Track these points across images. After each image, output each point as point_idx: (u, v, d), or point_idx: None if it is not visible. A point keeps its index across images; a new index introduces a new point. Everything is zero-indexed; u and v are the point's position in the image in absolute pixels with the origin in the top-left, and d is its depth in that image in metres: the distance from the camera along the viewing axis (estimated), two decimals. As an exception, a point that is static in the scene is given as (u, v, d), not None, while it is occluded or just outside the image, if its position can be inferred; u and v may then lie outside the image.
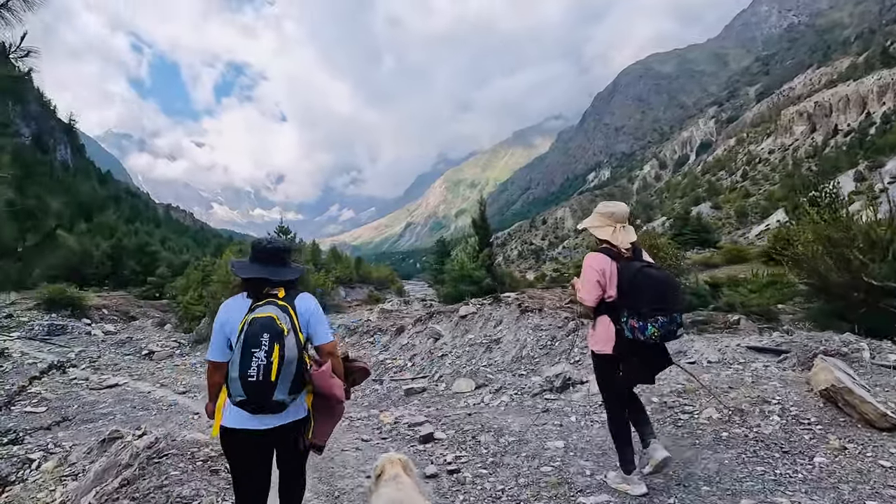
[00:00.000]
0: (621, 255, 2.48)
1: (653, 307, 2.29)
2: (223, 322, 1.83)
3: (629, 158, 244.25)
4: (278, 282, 1.84)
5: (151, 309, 26.37)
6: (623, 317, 2.37)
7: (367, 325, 12.69)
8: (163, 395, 9.12)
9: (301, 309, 1.80)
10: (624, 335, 2.38)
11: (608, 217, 2.56)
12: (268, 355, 1.57)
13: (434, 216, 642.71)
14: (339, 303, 19.63)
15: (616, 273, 2.43)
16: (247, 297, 1.84)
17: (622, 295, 2.40)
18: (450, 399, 5.64)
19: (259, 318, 1.65)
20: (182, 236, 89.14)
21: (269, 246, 1.90)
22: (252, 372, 1.54)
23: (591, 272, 2.46)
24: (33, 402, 8.71)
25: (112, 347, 13.01)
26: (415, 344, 9.23)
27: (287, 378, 1.62)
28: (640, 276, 2.36)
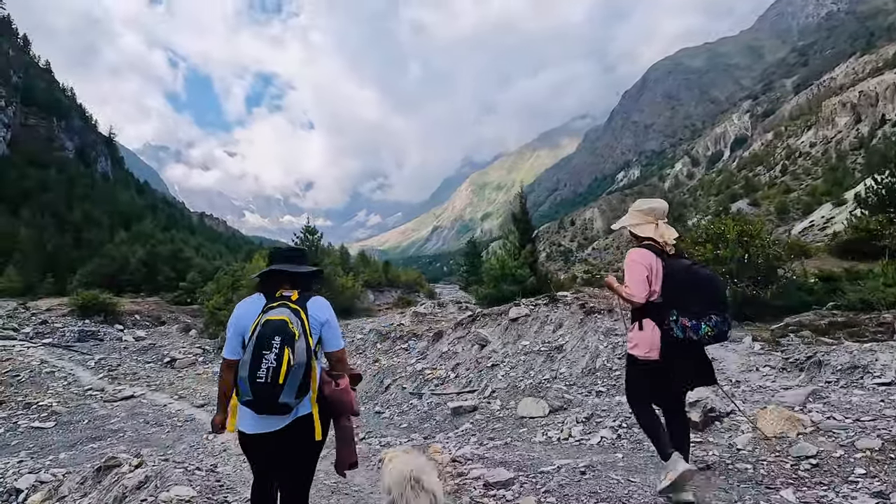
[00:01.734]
0: (665, 251, 2.32)
1: (706, 306, 2.15)
2: (238, 317, 1.84)
3: (659, 156, 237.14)
4: (295, 275, 1.85)
5: (183, 314, 26.24)
6: (672, 316, 2.18)
7: (400, 329, 11.62)
8: (179, 409, 8.25)
9: (313, 313, 1.79)
10: (672, 335, 2.19)
11: (648, 213, 2.40)
12: (278, 358, 1.57)
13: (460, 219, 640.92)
14: (369, 306, 18.68)
15: (661, 270, 2.26)
16: (262, 296, 1.83)
17: (670, 293, 2.23)
18: (518, 427, 4.41)
19: (272, 320, 1.65)
20: (215, 243, 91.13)
21: (285, 249, 1.95)
22: (261, 374, 1.54)
23: (638, 267, 2.27)
24: (42, 415, 7.99)
25: (134, 355, 12.37)
26: (457, 351, 8.05)
27: (294, 381, 1.62)
28: (690, 273, 2.22)
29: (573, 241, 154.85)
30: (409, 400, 7.26)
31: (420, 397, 7.17)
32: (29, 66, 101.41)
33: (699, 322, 2.13)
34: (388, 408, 7.25)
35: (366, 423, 6.44)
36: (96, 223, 63.30)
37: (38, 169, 74.33)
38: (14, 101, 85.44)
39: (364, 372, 9.48)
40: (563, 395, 4.88)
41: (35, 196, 64.48)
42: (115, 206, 75.69)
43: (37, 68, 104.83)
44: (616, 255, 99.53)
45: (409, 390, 7.61)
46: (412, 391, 7.50)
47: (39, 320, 19.78)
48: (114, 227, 64.88)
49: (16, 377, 9.87)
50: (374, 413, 7.11)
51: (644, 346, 2.29)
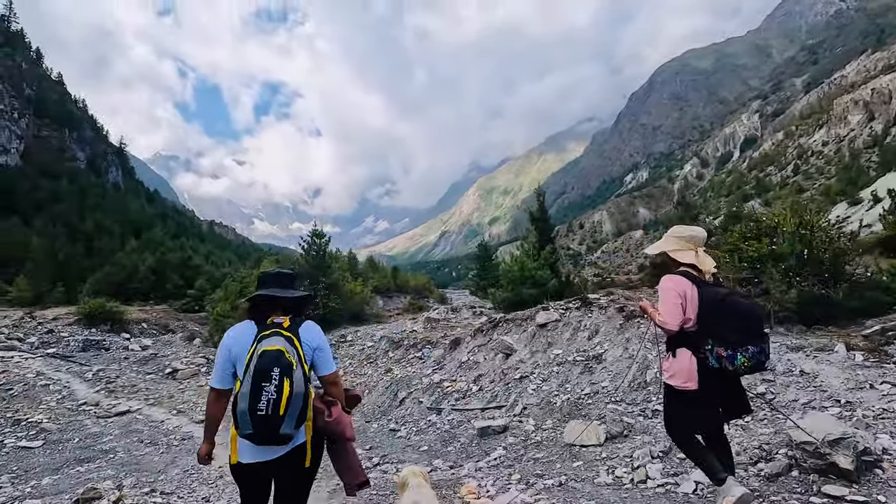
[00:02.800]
0: (702, 280, 2.25)
1: (742, 336, 2.08)
2: (229, 348, 1.79)
3: (668, 158, 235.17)
4: (286, 300, 1.82)
5: (191, 322, 25.81)
6: (707, 345, 2.13)
7: (413, 336, 10.93)
8: (177, 426, 7.61)
9: (306, 339, 1.75)
10: (708, 364, 2.13)
11: (688, 241, 2.31)
12: (278, 389, 1.55)
13: (468, 224, 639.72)
14: (379, 312, 18.02)
15: (697, 298, 2.18)
16: (253, 323, 1.79)
17: (705, 322, 2.16)
18: (568, 459, 3.61)
19: (268, 350, 1.62)
20: (225, 251, 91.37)
21: (273, 272, 1.92)
22: (262, 406, 1.52)
23: (672, 294, 2.20)
24: (31, 433, 7.39)
25: (134, 365, 11.80)
26: (478, 361, 7.32)
27: (295, 411, 1.60)
28: (727, 302, 2.14)
29: (582, 244, 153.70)
30: (426, 416, 6.54)
31: (439, 413, 6.45)
32: (42, 79, 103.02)
33: (735, 352, 2.06)
34: (403, 425, 6.53)
35: (379, 444, 5.73)
36: (107, 232, 63.67)
37: (51, 179, 75.11)
38: (27, 112, 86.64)
39: (376, 383, 8.79)
40: (620, 417, 4.11)
41: (47, 206, 65.06)
42: (125, 215, 76.22)
43: (49, 81, 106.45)
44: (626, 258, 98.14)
45: (426, 405, 6.90)
46: (430, 406, 6.78)
47: (45, 330, 19.38)
48: (125, 235, 65.19)
49: (9, 391, 9.32)
50: (389, 431, 6.39)
51: (681, 375, 2.22)
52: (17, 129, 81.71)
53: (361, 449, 5.56)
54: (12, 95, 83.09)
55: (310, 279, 14.41)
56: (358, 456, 1.97)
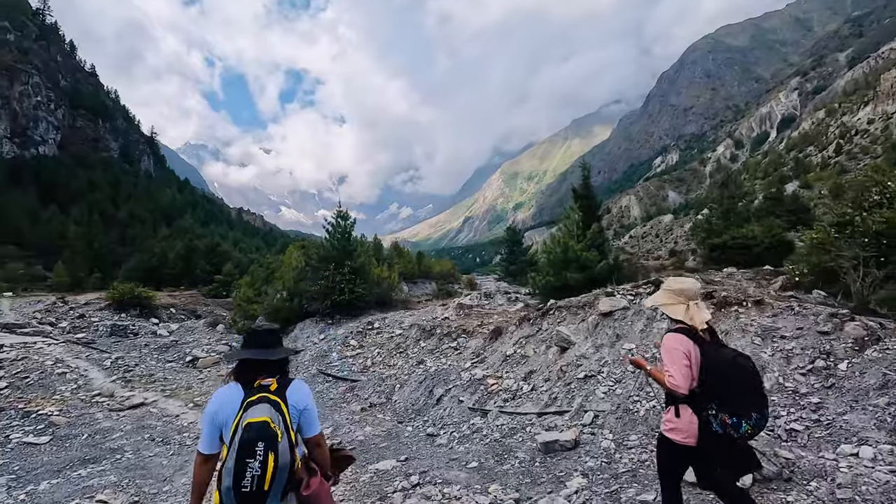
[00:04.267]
0: (702, 337, 2.17)
1: (749, 403, 2.00)
2: (214, 413, 1.71)
3: (700, 140, 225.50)
4: (269, 364, 1.77)
5: (218, 307, 25.76)
6: (711, 409, 2.05)
7: (446, 324, 10.00)
8: (192, 422, 6.92)
9: (293, 401, 1.72)
10: (710, 429, 2.06)
11: (678, 294, 2.26)
12: (262, 465, 1.52)
13: (492, 210, 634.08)
14: (406, 298, 17.19)
15: (699, 357, 2.10)
16: (240, 387, 1.73)
17: (712, 386, 2.07)
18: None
19: (253, 423, 1.58)
20: (254, 238, 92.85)
21: (259, 330, 1.86)
22: (246, 483, 1.51)
23: (679, 355, 2.10)
24: (39, 427, 6.84)
25: (154, 353, 11.32)
26: (527, 355, 6.32)
27: (280, 485, 1.59)
28: (736, 367, 2.04)
29: (609, 228, 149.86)
30: (469, 418, 5.60)
31: (484, 415, 5.51)
32: (76, 71, 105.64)
33: (740, 420, 1.99)
34: (443, 428, 5.62)
35: (417, 454, 4.82)
36: (140, 220, 65.24)
37: (86, 169, 77.29)
38: (63, 104, 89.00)
39: (408, 377, 7.92)
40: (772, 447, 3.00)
41: (84, 195, 66.94)
42: (157, 204, 78.04)
43: (83, 72, 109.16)
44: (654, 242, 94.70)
45: (467, 404, 5.96)
46: (473, 406, 5.84)
47: (76, 315, 19.44)
48: (157, 223, 66.74)
49: (25, 378, 8.90)
50: (426, 436, 5.49)
51: (681, 432, 2.16)
52: (53, 119, 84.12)
53: (396, 460, 4.68)
54: (48, 87, 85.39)
55: (335, 263, 13.66)
56: None
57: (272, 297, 13.65)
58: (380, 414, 6.82)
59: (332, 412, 7.16)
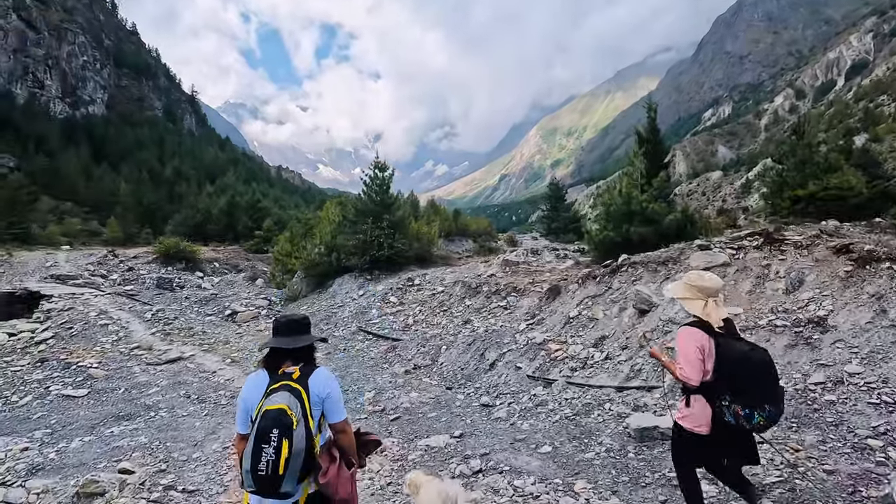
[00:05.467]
0: (718, 332, 2.15)
1: (763, 395, 2.04)
2: (244, 398, 1.81)
3: (756, 90, 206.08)
4: (293, 350, 1.81)
5: (259, 262, 26.11)
6: (724, 400, 2.09)
7: (493, 282, 9.21)
8: (228, 379, 6.57)
9: (315, 389, 1.75)
10: (723, 420, 2.11)
11: (699, 290, 2.25)
12: (276, 451, 1.58)
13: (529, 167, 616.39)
14: (447, 254, 16.49)
15: (714, 351, 2.12)
16: (266, 374, 1.80)
17: (726, 378, 2.10)
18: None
19: (270, 410, 1.64)
20: (293, 195, 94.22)
21: (284, 320, 1.90)
22: (262, 466, 1.57)
23: (692, 349, 2.12)
24: (78, 380, 6.68)
25: (195, 306, 11.22)
26: (595, 317, 5.44)
27: (294, 470, 1.62)
28: (750, 360, 2.07)
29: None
30: (529, 388, 4.86)
31: (548, 385, 4.74)
32: (118, 30, 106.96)
33: (753, 412, 2.03)
34: (498, 398, 4.92)
35: (473, 430, 4.14)
36: (185, 178, 67.01)
37: (133, 128, 79.46)
38: (108, 63, 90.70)
39: (454, 338, 7.24)
40: None
41: (132, 153, 69.17)
42: (201, 162, 79.86)
43: (125, 31, 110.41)
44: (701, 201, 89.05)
45: (526, 371, 5.21)
46: (532, 373, 5.09)
47: (126, 268, 19.97)
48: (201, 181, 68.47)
49: (69, 329, 8.90)
50: (481, 407, 4.80)
51: (693, 420, 2.20)
52: (100, 79, 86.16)
53: (449, 435, 4.02)
54: (93, 47, 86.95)
55: (373, 217, 13.01)
56: None
57: (310, 251, 13.23)
58: (425, 378, 6.21)
59: (374, 373, 6.63)
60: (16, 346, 8.38)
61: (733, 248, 4.88)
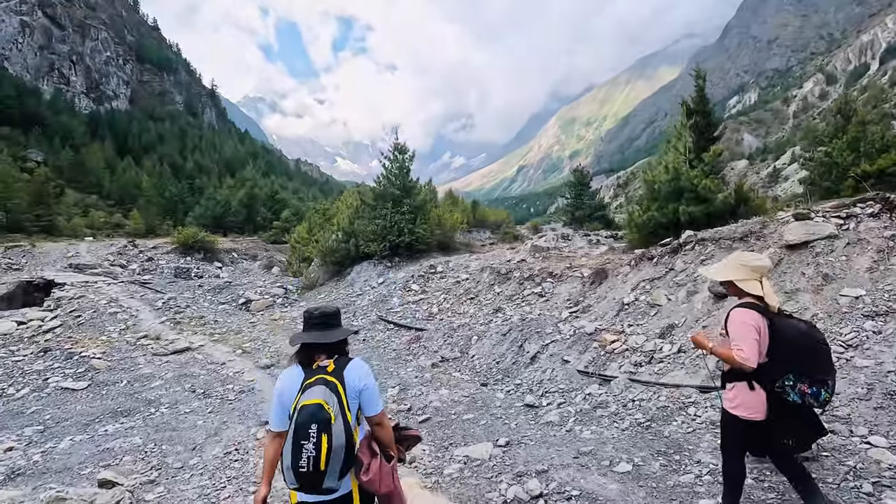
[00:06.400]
0: (768, 310, 2.11)
1: (826, 371, 2.01)
2: (280, 393, 1.74)
3: (784, 76, 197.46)
4: (327, 345, 1.77)
5: (277, 252, 25.84)
6: (788, 381, 2.02)
7: (525, 267, 8.43)
8: (239, 371, 5.98)
9: (351, 382, 1.70)
10: (787, 400, 2.03)
11: (756, 270, 2.15)
12: (317, 447, 1.54)
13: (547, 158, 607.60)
14: (470, 241, 15.73)
15: (767, 331, 2.06)
16: (300, 369, 1.74)
17: (787, 357, 2.04)
18: None
19: (307, 405, 1.60)
20: (311, 187, 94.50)
21: (316, 312, 1.81)
22: (303, 463, 1.54)
23: (749, 330, 2.03)
24: (79, 371, 6.18)
25: (208, 294, 10.75)
26: (657, 303, 4.64)
27: (336, 465, 1.58)
28: (812, 338, 2.03)
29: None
30: (582, 386, 4.10)
31: (605, 382, 3.97)
32: (140, 25, 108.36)
33: (819, 388, 1.99)
34: (544, 397, 4.18)
35: (521, 439, 3.40)
36: (206, 171, 67.62)
37: (155, 122, 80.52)
38: (130, 58, 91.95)
39: (485, 327, 6.50)
40: None
41: (154, 147, 70.11)
42: (221, 155, 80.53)
43: (146, 26, 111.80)
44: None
45: (575, 365, 4.45)
46: (585, 368, 4.32)
47: (146, 258, 19.81)
48: (221, 174, 69.00)
49: (77, 318, 8.48)
50: (524, 407, 4.07)
51: (748, 407, 2.11)
52: (123, 74, 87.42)
53: (493, 444, 3.29)
54: (116, 42, 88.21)
55: (392, 202, 12.33)
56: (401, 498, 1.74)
57: (327, 237, 12.63)
58: (455, 372, 5.49)
59: (398, 366, 5.95)
60: (23, 334, 7.99)
61: (840, 216, 4.00)
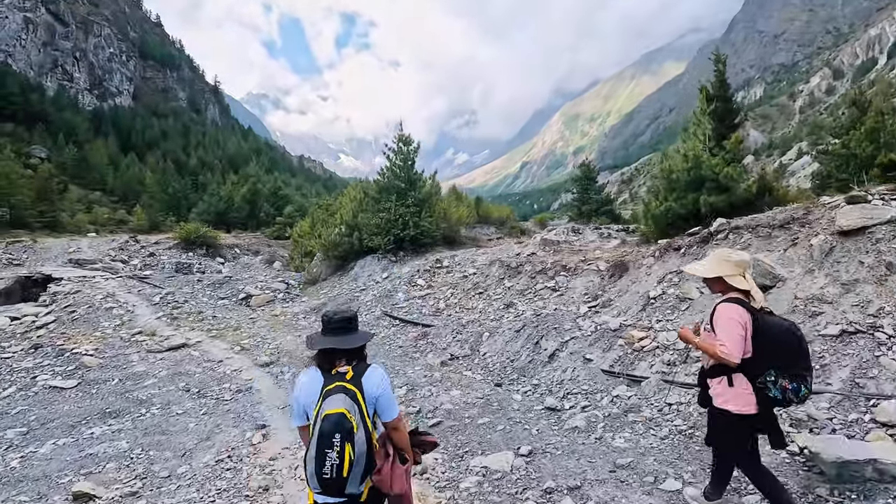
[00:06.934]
0: (752, 306, 2.11)
1: (805, 368, 2.03)
2: (297, 397, 1.79)
3: (790, 71, 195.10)
4: (346, 351, 1.78)
5: (280, 248, 25.59)
6: (770, 376, 2.03)
7: (536, 260, 8.06)
8: (235, 370, 5.64)
9: (369, 389, 1.74)
10: (768, 396, 2.04)
11: (740, 265, 2.16)
12: (340, 455, 1.59)
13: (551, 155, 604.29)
14: (476, 236, 15.36)
15: (752, 327, 2.07)
16: (320, 373, 1.77)
17: (769, 352, 2.05)
18: None
19: (330, 414, 1.64)
20: (314, 184, 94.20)
21: (335, 317, 1.82)
22: (326, 471, 1.59)
23: (735, 325, 2.05)
24: (69, 369, 5.86)
25: (207, 289, 10.42)
26: (688, 296, 4.27)
27: (358, 472, 1.64)
28: (793, 334, 2.05)
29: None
30: (609, 387, 3.74)
31: (635, 384, 3.60)
32: (143, 21, 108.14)
33: (800, 385, 2.00)
34: (566, 399, 3.82)
35: (542, 441, 3.04)
36: (209, 168, 67.43)
37: (159, 119, 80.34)
38: (133, 55, 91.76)
39: (497, 323, 6.14)
40: None
41: (158, 143, 69.98)
42: (224, 152, 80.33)
43: (149, 23, 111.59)
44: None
45: (599, 364, 4.09)
46: (610, 368, 3.95)
47: (147, 253, 19.55)
48: (224, 170, 68.79)
49: (72, 313, 8.18)
50: (546, 411, 3.70)
51: (738, 401, 2.10)
52: (126, 71, 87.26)
53: (514, 452, 2.94)
54: (119, 38, 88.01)
55: (397, 194, 11.96)
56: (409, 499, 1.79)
57: (330, 231, 12.29)
58: (466, 370, 5.14)
59: (404, 365, 5.60)
60: (16, 330, 7.70)
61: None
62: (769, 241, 4.12)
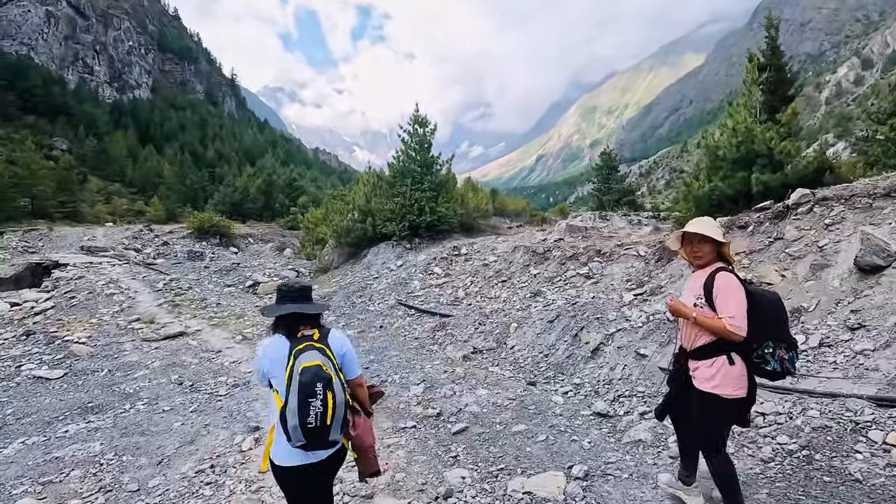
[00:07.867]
0: None
1: (791, 337, 1.94)
2: (261, 365, 1.78)
3: (816, 61, 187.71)
4: (309, 316, 1.84)
5: (294, 238, 25.32)
6: (769, 348, 1.89)
7: (565, 246, 7.35)
8: (234, 361, 5.10)
9: (336, 347, 1.82)
10: (767, 369, 1.90)
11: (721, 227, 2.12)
12: (323, 403, 1.62)
13: (567, 148, 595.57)
14: (496, 224, 14.67)
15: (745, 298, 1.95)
16: (284, 338, 1.78)
17: (765, 324, 1.90)
18: None
19: (309, 366, 1.66)
20: (329, 176, 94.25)
21: (295, 285, 1.89)
22: (311, 420, 1.61)
23: (742, 296, 1.88)
24: (57, 358, 5.39)
25: (214, 276, 9.97)
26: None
27: (339, 418, 1.69)
28: (778, 303, 1.95)
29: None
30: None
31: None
32: (161, 15, 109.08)
33: (793, 354, 1.91)
34: (620, 402, 3.17)
35: (596, 457, 2.40)
36: (226, 160, 67.74)
37: (177, 111, 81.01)
38: (152, 48, 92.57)
39: (525, 313, 5.46)
40: None
41: (176, 136, 70.57)
42: (241, 144, 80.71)
43: (168, 16, 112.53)
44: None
45: (656, 361, 3.45)
46: (669, 366, 3.21)
47: (161, 242, 19.37)
48: (241, 162, 69.06)
49: (71, 298, 7.77)
50: (595, 417, 3.05)
51: (731, 383, 1.92)
52: (145, 64, 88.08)
53: (564, 474, 2.28)
54: (138, 32, 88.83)
55: (412, 178, 11.32)
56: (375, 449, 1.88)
57: (343, 216, 11.72)
58: (492, 366, 4.49)
59: (421, 358, 4.97)
60: (14, 316, 7.31)
61: None
62: (870, 213, 3.36)
